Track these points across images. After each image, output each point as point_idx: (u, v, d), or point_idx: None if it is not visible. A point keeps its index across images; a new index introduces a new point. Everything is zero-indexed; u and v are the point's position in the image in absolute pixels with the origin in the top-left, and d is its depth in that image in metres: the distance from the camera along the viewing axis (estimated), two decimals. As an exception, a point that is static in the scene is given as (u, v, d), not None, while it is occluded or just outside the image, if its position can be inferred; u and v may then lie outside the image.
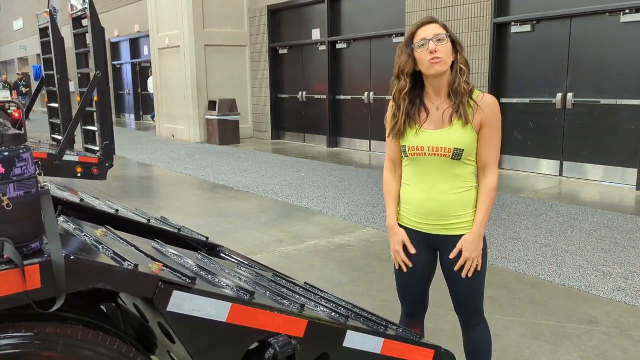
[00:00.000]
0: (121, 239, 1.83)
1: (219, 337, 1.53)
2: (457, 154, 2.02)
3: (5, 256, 1.25)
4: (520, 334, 3.17)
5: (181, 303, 1.44)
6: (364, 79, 10.79)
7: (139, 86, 19.07)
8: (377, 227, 5.37)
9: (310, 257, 4.61)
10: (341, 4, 11.07)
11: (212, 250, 2.41)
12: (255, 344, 1.62)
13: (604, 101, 7.19)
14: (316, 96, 11.90)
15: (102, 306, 1.90)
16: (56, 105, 7.14)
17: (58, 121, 7.20)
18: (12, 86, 20.51)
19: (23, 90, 20.59)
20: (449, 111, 2.03)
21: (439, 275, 2.25)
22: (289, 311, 1.66)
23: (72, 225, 1.84)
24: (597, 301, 3.61)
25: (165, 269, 1.54)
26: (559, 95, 7.57)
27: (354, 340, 1.79)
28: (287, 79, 12.76)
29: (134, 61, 18.83)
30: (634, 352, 2.95)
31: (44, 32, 7.00)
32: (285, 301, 1.77)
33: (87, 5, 5.85)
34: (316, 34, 11.60)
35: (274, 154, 10.77)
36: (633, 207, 6.05)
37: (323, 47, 11.44)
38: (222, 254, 2.38)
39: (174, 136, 13.73)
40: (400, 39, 9.65)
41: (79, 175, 5.98)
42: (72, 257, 1.31)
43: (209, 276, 1.74)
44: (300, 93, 12.25)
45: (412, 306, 2.31)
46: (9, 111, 6.22)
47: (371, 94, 10.64)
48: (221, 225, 5.60)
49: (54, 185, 2.48)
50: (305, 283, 2.18)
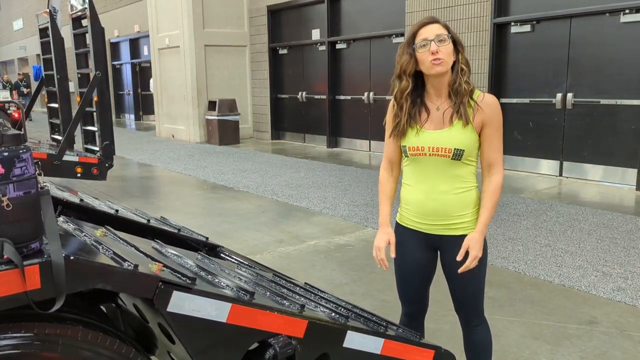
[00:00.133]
0: (121, 239, 1.83)
1: (218, 338, 1.53)
2: (458, 154, 2.02)
3: (5, 256, 1.25)
4: (520, 334, 3.17)
5: (181, 303, 1.44)
6: (363, 79, 10.79)
7: (139, 86, 19.07)
8: (377, 227, 5.34)
9: (310, 257, 4.61)
10: (341, 4, 11.07)
11: (211, 250, 2.41)
12: (255, 344, 1.62)
13: (603, 101, 7.19)
14: (316, 96, 11.90)
15: (101, 306, 1.90)
16: (56, 105, 7.14)
17: (58, 121, 7.20)
18: (13, 86, 20.44)
19: (24, 90, 20.42)
20: (450, 111, 2.03)
21: (438, 275, 2.25)
22: (289, 311, 1.66)
23: (71, 225, 1.84)
24: (597, 301, 3.61)
25: (165, 269, 1.54)
26: (559, 95, 7.57)
27: (354, 341, 1.79)
28: (287, 79, 12.76)
29: (133, 61, 18.82)
30: (634, 352, 2.95)
31: (43, 32, 7.00)
32: (285, 301, 1.77)
33: (86, 5, 5.85)
34: (316, 34, 11.60)
35: (274, 154, 10.77)
36: (633, 207, 6.05)
37: (323, 47, 11.44)
38: (221, 254, 2.38)
39: (173, 136, 13.73)
40: (400, 39, 9.65)
41: (78, 175, 5.98)
42: (71, 258, 1.31)
43: (209, 276, 1.74)
44: (300, 93, 12.25)
45: (412, 306, 2.31)
46: (8, 111, 6.21)
47: (371, 94, 10.64)
48: (221, 226, 5.60)
49: (53, 186, 2.48)
50: (305, 283, 2.18)
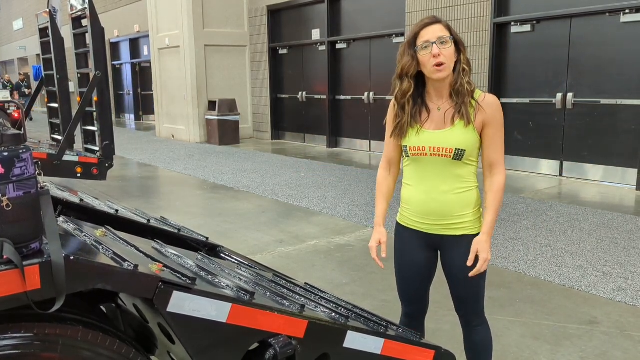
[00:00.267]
0: (121, 239, 1.82)
1: (219, 338, 1.53)
2: (459, 155, 2.02)
3: (5, 256, 1.25)
4: (521, 334, 3.17)
5: (181, 303, 1.44)
6: (363, 79, 10.79)
7: (139, 86, 19.07)
8: (377, 227, 5.36)
9: (310, 257, 4.61)
10: (341, 4, 11.07)
11: (212, 250, 2.41)
12: (256, 345, 1.62)
13: (604, 101, 7.19)
14: (316, 96, 11.90)
15: (101, 307, 1.90)
16: (56, 105, 7.14)
17: (58, 121, 7.20)
18: (14, 86, 20.37)
19: (25, 91, 20.26)
20: (451, 111, 2.02)
21: (438, 275, 2.25)
22: (289, 311, 1.66)
23: (71, 225, 1.84)
24: (597, 301, 3.60)
25: (165, 269, 1.54)
26: (559, 95, 7.57)
27: (354, 341, 1.79)
28: (287, 79, 12.75)
29: (133, 61, 18.82)
30: (635, 353, 2.95)
31: (43, 32, 7.00)
32: (285, 301, 1.77)
33: (86, 5, 5.85)
34: (316, 34, 11.60)
35: (274, 154, 10.77)
36: (633, 207, 6.05)
37: (323, 47, 11.44)
38: (222, 254, 2.38)
39: (173, 136, 13.73)
40: (401, 39, 9.65)
41: (78, 175, 5.98)
42: (71, 258, 1.31)
43: (209, 276, 1.73)
44: (300, 93, 12.25)
45: (412, 306, 2.31)
46: (8, 111, 6.21)
47: (371, 94, 10.64)
48: (221, 226, 5.60)
49: (53, 186, 2.48)
50: (305, 283, 2.18)
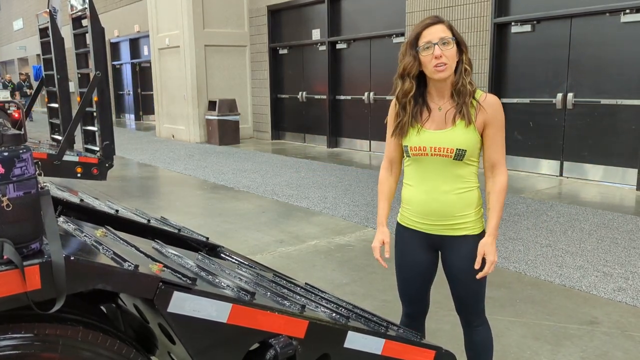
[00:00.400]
0: (121, 239, 1.82)
1: (219, 338, 1.53)
2: (460, 155, 2.01)
3: (5, 257, 1.24)
4: (521, 334, 3.17)
5: (182, 304, 1.44)
6: (364, 79, 10.79)
7: (139, 86, 19.07)
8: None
9: (310, 257, 4.60)
10: (341, 4, 11.06)
11: (212, 250, 2.41)
12: (256, 345, 1.62)
13: (604, 101, 7.18)
14: (316, 96, 11.90)
15: (102, 307, 1.90)
16: (56, 105, 7.14)
17: (58, 121, 7.20)
18: (15, 86, 20.31)
19: (27, 91, 20.15)
20: (452, 111, 2.02)
21: (439, 275, 2.25)
22: (289, 312, 1.66)
23: (72, 225, 1.84)
24: (597, 301, 3.60)
25: (165, 269, 1.54)
26: (559, 95, 7.57)
27: (354, 341, 1.79)
28: (287, 79, 12.75)
29: (133, 61, 18.82)
30: (635, 353, 2.95)
31: (43, 32, 7.00)
32: (285, 302, 1.77)
33: (86, 5, 5.85)
34: (316, 34, 11.60)
35: (274, 154, 10.77)
36: (633, 207, 6.05)
37: (323, 47, 11.44)
38: (222, 254, 2.38)
39: (173, 136, 13.72)
40: (401, 39, 9.65)
41: (78, 175, 5.98)
42: (72, 258, 1.31)
43: (210, 277, 1.73)
44: (300, 93, 12.25)
45: (412, 306, 2.31)
46: (8, 111, 6.20)
47: (371, 94, 10.64)
48: (221, 226, 5.60)
49: (53, 186, 2.48)
50: (306, 283, 2.18)
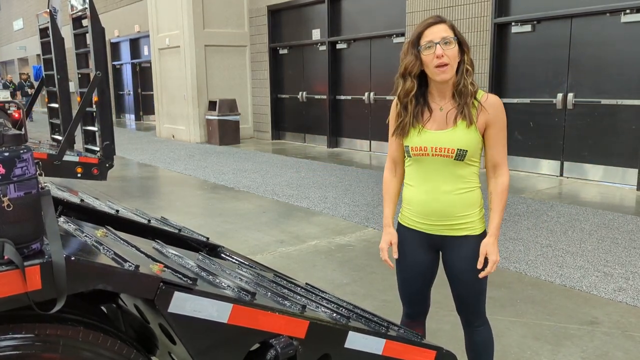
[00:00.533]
0: (122, 239, 1.82)
1: (220, 338, 1.53)
2: (461, 155, 2.01)
3: (6, 257, 1.24)
4: (521, 334, 3.17)
5: (182, 304, 1.43)
6: (364, 79, 10.79)
7: (139, 86, 19.07)
8: (377, 228, 5.36)
9: (310, 257, 4.60)
10: (341, 4, 11.06)
11: (212, 250, 2.41)
12: (257, 345, 1.62)
13: (604, 101, 7.18)
14: (316, 96, 11.89)
15: (102, 307, 1.90)
16: (56, 106, 7.14)
17: (58, 121, 7.20)
18: (16, 87, 20.29)
19: (28, 91, 20.09)
20: (453, 112, 2.02)
21: (439, 275, 2.25)
22: (290, 312, 1.66)
23: (72, 225, 1.84)
24: (598, 301, 3.60)
25: (166, 269, 1.54)
26: (560, 95, 7.57)
27: (355, 341, 1.78)
28: (287, 79, 12.75)
29: (134, 61, 18.82)
30: (636, 353, 2.95)
31: (44, 32, 7.00)
32: (286, 302, 1.76)
33: (87, 5, 5.84)
34: (316, 34, 11.60)
35: (274, 154, 10.76)
36: (633, 208, 6.04)
37: (323, 47, 11.44)
38: (222, 255, 2.38)
39: (174, 136, 13.72)
40: (401, 39, 9.65)
41: (79, 175, 5.98)
42: (72, 258, 1.30)
43: (210, 277, 1.73)
44: (301, 93, 12.25)
45: (413, 306, 2.31)
46: (9, 111, 6.21)
47: (371, 94, 10.64)
48: (221, 226, 5.59)
49: (54, 186, 2.48)
50: (306, 283, 2.18)
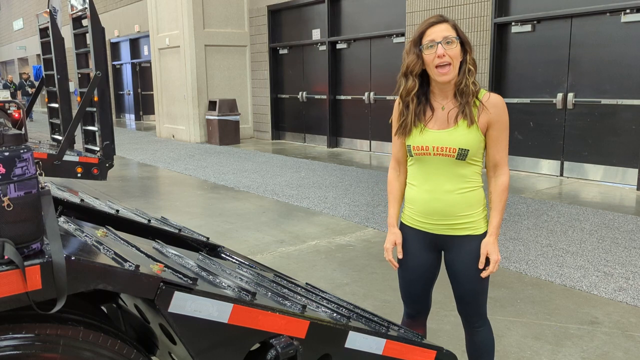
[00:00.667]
0: (122, 239, 1.82)
1: (220, 338, 1.52)
2: (462, 154, 2.01)
3: (6, 257, 1.24)
4: (522, 334, 3.17)
5: (182, 304, 1.43)
6: (364, 79, 10.78)
7: (139, 86, 19.08)
8: (377, 227, 5.36)
9: (311, 257, 4.60)
10: (341, 4, 11.06)
11: (212, 250, 2.41)
12: (257, 345, 1.62)
13: (604, 101, 7.18)
14: (316, 96, 11.89)
15: (102, 307, 1.90)
16: (56, 105, 7.13)
17: (58, 121, 7.19)
18: (16, 87, 20.29)
19: (29, 90, 20.10)
20: (455, 111, 2.01)
21: (440, 275, 2.24)
22: (290, 312, 1.66)
23: (72, 225, 1.84)
24: (598, 301, 3.60)
25: (166, 269, 1.54)
26: (560, 95, 7.57)
27: (355, 341, 1.78)
28: (287, 79, 12.75)
29: (134, 61, 18.83)
30: (636, 353, 2.94)
31: (43, 32, 6.99)
32: (286, 302, 1.76)
33: (87, 5, 5.84)
34: (316, 34, 11.59)
35: (274, 154, 10.76)
36: (634, 207, 6.04)
37: (323, 47, 11.43)
38: (222, 255, 2.38)
39: (174, 136, 13.72)
40: (401, 39, 9.65)
41: (79, 175, 5.97)
42: (73, 258, 1.30)
43: (210, 277, 1.73)
44: (301, 93, 12.24)
45: (414, 306, 2.30)
46: (9, 111, 6.20)
47: (371, 94, 10.63)
48: (221, 226, 5.59)
49: (54, 186, 2.48)
50: (307, 283, 2.18)
